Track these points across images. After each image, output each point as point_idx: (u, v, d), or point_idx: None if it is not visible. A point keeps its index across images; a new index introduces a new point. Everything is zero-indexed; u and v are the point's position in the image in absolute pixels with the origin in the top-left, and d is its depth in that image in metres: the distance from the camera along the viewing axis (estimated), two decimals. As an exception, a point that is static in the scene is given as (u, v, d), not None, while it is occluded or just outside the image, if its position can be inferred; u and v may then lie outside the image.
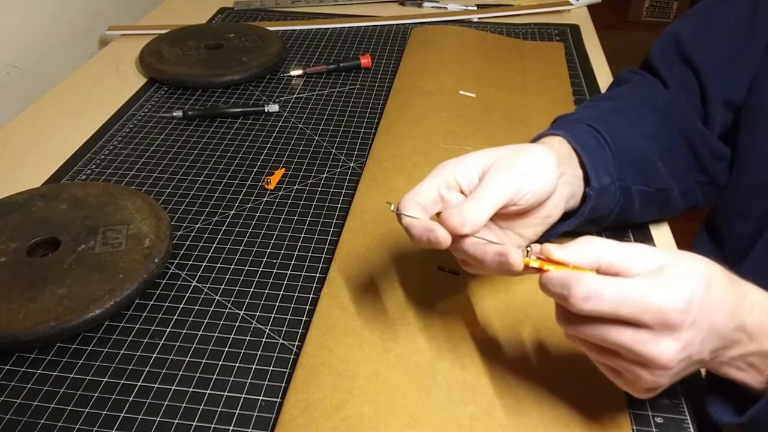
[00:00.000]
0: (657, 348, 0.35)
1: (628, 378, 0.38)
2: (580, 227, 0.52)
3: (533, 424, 0.42)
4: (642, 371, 0.36)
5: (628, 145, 0.54)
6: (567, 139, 0.51)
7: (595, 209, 0.51)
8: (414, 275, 0.53)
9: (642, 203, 0.55)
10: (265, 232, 0.60)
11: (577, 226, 0.52)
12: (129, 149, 0.72)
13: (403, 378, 0.45)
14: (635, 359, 0.36)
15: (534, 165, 0.44)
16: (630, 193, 0.54)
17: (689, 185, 0.59)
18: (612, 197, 0.52)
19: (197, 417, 0.44)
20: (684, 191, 0.58)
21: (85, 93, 0.83)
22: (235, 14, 1.07)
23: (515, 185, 0.42)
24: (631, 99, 0.60)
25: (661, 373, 0.36)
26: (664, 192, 0.57)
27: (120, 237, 0.55)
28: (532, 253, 0.37)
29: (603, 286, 0.35)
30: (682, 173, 0.58)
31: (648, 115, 0.57)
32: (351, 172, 0.69)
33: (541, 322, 0.49)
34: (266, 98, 0.82)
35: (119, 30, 1.00)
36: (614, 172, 0.52)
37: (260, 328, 0.51)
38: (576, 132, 0.52)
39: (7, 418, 0.44)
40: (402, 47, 0.95)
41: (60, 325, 0.48)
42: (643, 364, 0.36)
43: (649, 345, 0.35)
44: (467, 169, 0.43)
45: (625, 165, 0.53)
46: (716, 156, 0.59)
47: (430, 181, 0.43)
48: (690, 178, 0.59)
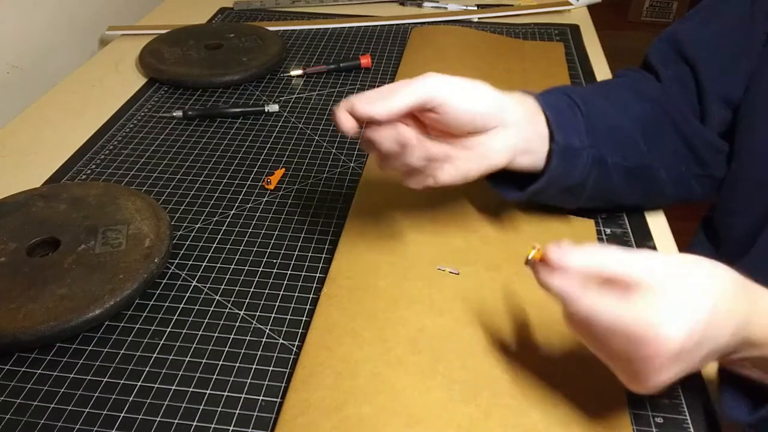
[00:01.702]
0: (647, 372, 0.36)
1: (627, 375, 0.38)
2: (553, 195, 0.54)
3: (533, 424, 0.42)
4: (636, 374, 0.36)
5: (605, 118, 0.55)
6: (536, 98, 0.52)
7: (566, 174, 0.52)
8: (414, 275, 0.53)
9: (621, 179, 0.56)
10: (265, 232, 0.60)
11: (548, 188, 0.52)
12: (129, 149, 0.72)
13: (403, 378, 0.45)
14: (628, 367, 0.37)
15: (470, 87, 0.47)
16: (605, 165, 0.54)
17: (681, 174, 0.59)
18: (583, 164, 0.53)
19: (197, 417, 0.44)
20: (676, 178, 0.59)
21: (85, 93, 0.83)
22: (235, 14, 1.07)
23: (433, 89, 0.45)
24: (619, 86, 0.61)
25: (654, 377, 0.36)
26: (644, 169, 0.56)
27: (120, 237, 0.55)
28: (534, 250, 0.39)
29: (597, 313, 0.36)
30: (671, 159, 0.58)
31: (634, 102, 0.58)
32: (351, 172, 0.69)
33: (541, 322, 0.49)
34: (266, 98, 0.82)
35: (119, 30, 1.00)
36: (585, 138, 0.53)
37: (260, 328, 0.51)
38: (548, 95, 0.54)
39: (7, 418, 0.44)
40: (402, 47, 0.95)
41: (60, 325, 0.48)
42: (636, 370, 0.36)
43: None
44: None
45: (599, 135, 0.54)
46: (714, 149, 0.59)
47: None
48: (682, 167, 0.59)
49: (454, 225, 0.58)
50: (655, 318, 0.34)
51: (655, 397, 0.45)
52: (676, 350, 0.34)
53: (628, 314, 0.35)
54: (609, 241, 0.58)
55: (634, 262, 0.36)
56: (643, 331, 0.34)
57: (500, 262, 0.55)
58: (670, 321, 0.34)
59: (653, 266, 0.36)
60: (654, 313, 0.34)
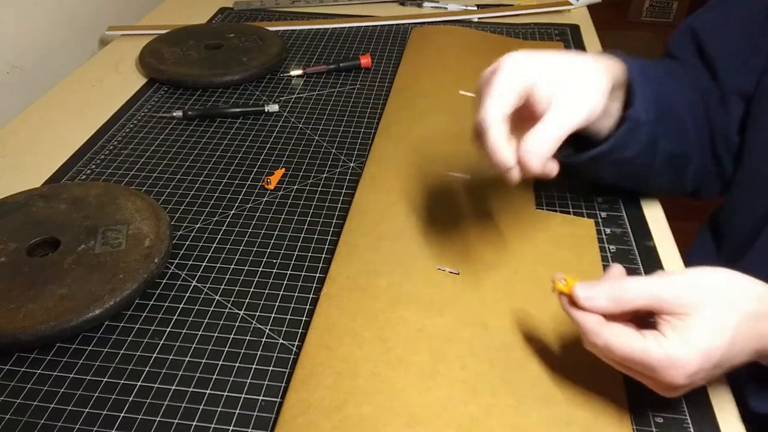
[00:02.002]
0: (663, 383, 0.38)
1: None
2: (600, 164, 0.55)
3: (533, 424, 0.42)
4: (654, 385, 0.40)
5: (669, 98, 0.55)
6: (625, 62, 0.52)
7: (624, 146, 0.53)
8: (414, 275, 0.53)
9: (662, 162, 0.56)
10: (265, 232, 0.60)
11: (605, 156, 0.53)
12: (129, 149, 0.72)
13: (403, 378, 0.45)
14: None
15: (590, 88, 0.46)
16: (655, 145, 0.55)
17: (702, 167, 0.60)
18: (640, 139, 0.53)
19: (197, 417, 0.44)
20: (698, 170, 0.59)
21: (85, 93, 0.83)
22: (235, 14, 1.07)
23: (579, 118, 0.45)
24: (677, 69, 0.60)
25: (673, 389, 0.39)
26: (683, 158, 0.58)
27: (120, 237, 0.55)
28: (561, 279, 0.42)
29: (612, 345, 0.38)
30: (701, 150, 0.59)
31: (687, 87, 0.58)
32: (351, 172, 0.69)
33: (541, 322, 0.49)
34: (266, 98, 0.82)
35: (119, 30, 1.00)
36: (651, 113, 0.53)
37: (260, 328, 0.51)
38: (640, 62, 0.54)
39: (7, 418, 0.44)
40: (402, 47, 0.95)
41: (60, 325, 0.48)
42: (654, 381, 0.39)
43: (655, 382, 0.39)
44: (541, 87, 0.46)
45: (660, 114, 0.54)
46: (729, 148, 0.59)
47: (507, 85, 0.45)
48: (706, 158, 0.60)
49: (454, 225, 0.58)
50: (672, 350, 0.37)
51: (655, 397, 0.45)
52: (691, 373, 0.37)
53: (647, 348, 0.37)
54: (609, 241, 0.58)
55: (656, 292, 0.38)
56: (657, 363, 0.37)
57: (500, 262, 0.55)
58: (686, 353, 0.37)
59: (676, 294, 0.38)
60: (671, 347, 0.37)
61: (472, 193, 0.62)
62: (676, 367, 0.37)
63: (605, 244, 0.58)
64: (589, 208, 0.62)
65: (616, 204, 0.63)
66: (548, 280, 0.53)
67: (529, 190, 0.63)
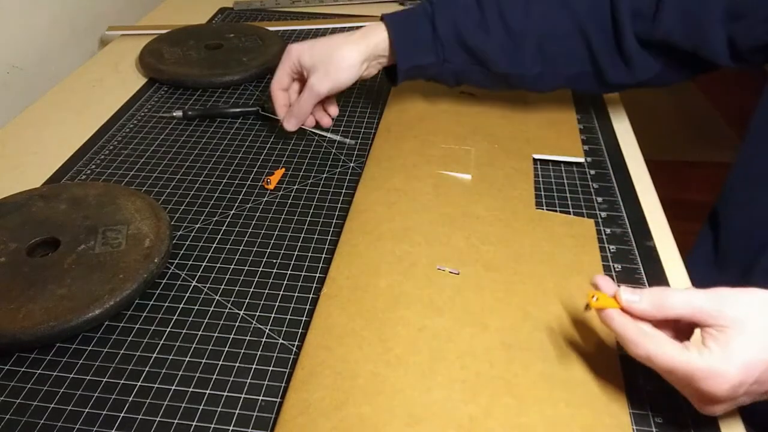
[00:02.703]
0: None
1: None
2: (435, 79, 0.71)
3: (533, 424, 0.42)
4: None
5: (466, 35, 0.65)
6: (386, 22, 0.66)
7: (422, 75, 0.70)
8: (414, 275, 0.53)
9: (485, 78, 0.68)
10: (265, 232, 0.60)
11: (412, 78, 0.70)
12: (129, 149, 0.72)
13: (403, 378, 0.45)
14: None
15: (342, 66, 0.66)
16: (465, 68, 0.67)
17: (578, 73, 0.67)
18: (440, 70, 0.68)
19: (197, 417, 0.44)
20: (572, 76, 0.67)
21: (85, 93, 0.83)
22: (235, 14, 1.07)
23: (325, 89, 0.67)
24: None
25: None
26: (507, 76, 0.67)
27: (120, 237, 0.55)
28: (594, 298, 0.42)
29: (654, 355, 0.39)
30: (568, 63, 0.66)
31: (552, 11, 0.65)
32: (351, 172, 0.69)
33: (542, 322, 0.49)
34: (266, 98, 0.82)
35: (119, 30, 1.00)
36: (441, 54, 0.66)
37: (260, 328, 0.51)
38: (406, 17, 0.67)
39: (7, 418, 0.44)
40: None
41: (60, 325, 0.48)
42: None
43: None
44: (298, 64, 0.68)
45: (456, 51, 0.66)
46: (624, 56, 0.63)
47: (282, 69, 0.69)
48: (580, 68, 0.66)
49: (454, 225, 0.58)
50: (713, 362, 0.38)
51: (655, 397, 0.45)
52: (732, 385, 0.38)
53: (689, 360, 0.38)
54: (609, 241, 0.58)
55: (698, 303, 0.39)
56: (699, 374, 0.38)
57: (500, 262, 0.55)
58: (727, 365, 0.37)
59: (718, 307, 0.39)
60: (712, 359, 0.38)
61: (472, 193, 0.62)
62: (717, 378, 0.37)
63: (605, 244, 0.58)
64: (589, 208, 0.62)
65: (616, 204, 0.63)
66: (548, 280, 0.53)
67: (529, 190, 0.63)
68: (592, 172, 0.68)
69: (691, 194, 1.77)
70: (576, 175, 0.67)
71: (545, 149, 0.69)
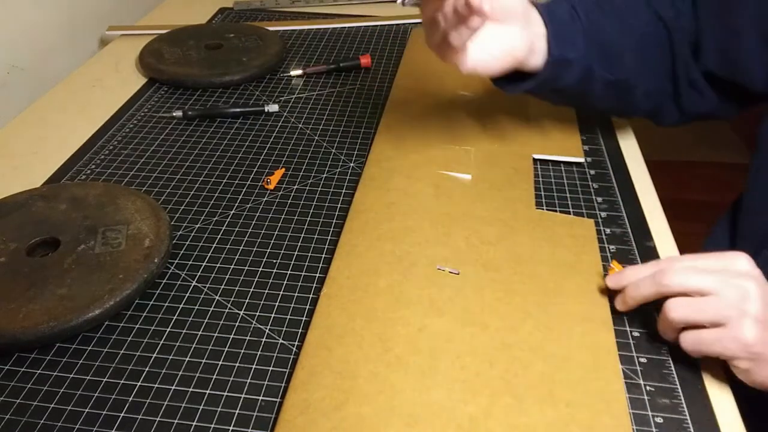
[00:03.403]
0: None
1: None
2: (543, 94, 0.64)
3: (533, 424, 0.42)
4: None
5: (602, 28, 0.60)
6: (540, 12, 0.58)
7: (556, 79, 0.59)
8: (414, 275, 0.53)
9: (602, 89, 0.62)
10: (265, 232, 0.60)
11: (538, 89, 0.60)
12: (129, 149, 0.72)
13: (403, 378, 0.45)
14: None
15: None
16: (592, 75, 0.61)
17: (658, 88, 0.63)
18: (573, 72, 0.59)
19: (197, 417, 0.44)
20: (650, 92, 0.63)
21: (85, 93, 0.83)
22: (235, 14, 1.07)
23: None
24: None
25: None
26: (625, 83, 0.62)
27: (120, 237, 0.55)
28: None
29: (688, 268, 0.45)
30: (654, 73, 0.62)
31: (641, 10, 0.62)
32: (351, 172, 0.69)
33: (541, 322, 0.49)
34: (266, 98, 0.82)
35: (119, 30, 1.00)
36: (581, 49, 0.59)
37: (260, 328, 0.51)
38: (553, 5, 0.60)
39: (7, 418, 0.44)
40: (402, 47, 0.95)
41: (60, 325, 0.48)
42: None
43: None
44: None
45: (593, 47, 0.60)
46: (691, 82, 0.62)
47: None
48: (660, 84, 0.63)
49: (454, 225, 0.58)
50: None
51: (655, 397, 0.45)
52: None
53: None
54: (609, 241, 0.58)
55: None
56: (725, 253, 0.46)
57: (500, 262, 0.55)
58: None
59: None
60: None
61: (472, 193, 0.62)
62: (739, 255, 0.45)
63: (605, 244, 0.58)
64: (589, 208, 0.62)
65: (616, 204, 0.63)
66: (548, 280, 0.53)
67: (529, 190, 0.63)
68: (592, 172, 0.68)
69: (691, 194, 1.77)
70: (576, 175, 0.67)
71: (545, 149, 0.69)
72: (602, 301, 0.51)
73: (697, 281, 0.45)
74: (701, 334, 0.44)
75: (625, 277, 0.49)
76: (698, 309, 0.44)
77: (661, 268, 0.46)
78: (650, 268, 0.48)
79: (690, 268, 0.45)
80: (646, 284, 0.47)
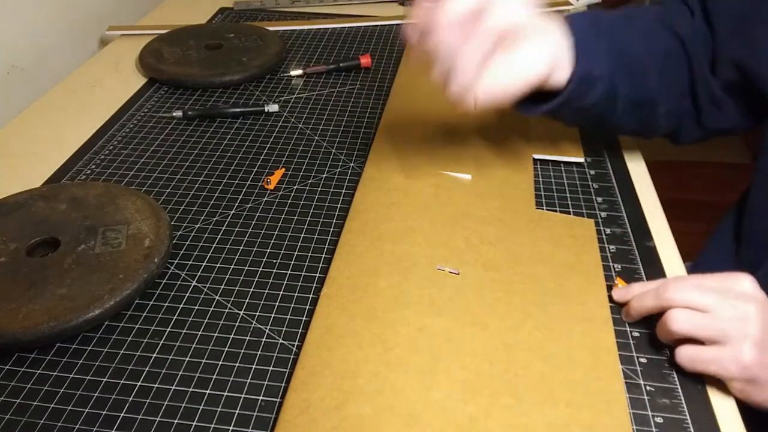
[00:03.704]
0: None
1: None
2: (564, 114, 0.59)
3: (533, 424, 0.42)
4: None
5: (627, 48, 0.57)
6: (564, 21, 0.54)
7: (580, 97, 0.55)
8: (414, 275, 0.53)
9: (625, 108, 0.59)
10: (265, 232, 0.60)
11: (560, 109, 0.56)
12: (129, 149, 0.72)
13: (403, 378, 0.45)
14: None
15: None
16: (615, 94, 0.58)
17: (678, 108, 0.61)
18: (597, 90, 0.56)
19: (197, 417, 0.44)
20: (671, 111, 0.61)
21: (85, 93, 0.83)
22: (235, 14, 1.07)
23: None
24: (649, 13, 0.62)
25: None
26: (647, 102, 0.60)
27: (120, 237, 0.55)
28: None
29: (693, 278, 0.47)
30: (674, 94, 0.60)
31: (660, 33, 0.60)
32: (351, 172, 0.69)
33: (541, 322, 0.49)
34: (266, 98, 0.82)
35: (119, 30, 1.00)
36: (604, 66, 0.56)
37: (260, 328, 0.51)
38: (576, 19, 0.56)
39: (7, 418, 0.44)
40: (402, 47, 0.95)
41: (60, 325, 0.48)
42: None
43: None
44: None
45: (618, 64, 0.57)
46: (712, 100, 0.60)
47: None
48: (680, 103, 0.61)
49: (454, 225, 0.58)
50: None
51: (655, 397, 0.45)
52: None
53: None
54: (609, 241, 0.58)
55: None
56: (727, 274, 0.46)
57: (500, 262, 0.55)
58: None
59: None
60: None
61: (472, 193, 0.62)
62: (741, 275, 0.46)
63: (605, 244, 0.58)
64: (589, 208, 0.62)
65: (616, 204, 0.63)
66: (548, 280, 0.53)
67: (529, 190, 0.63)
68: (592, 172, 0.68)
69: (691, 194, 1.77)
70: (576, 175, 0.67)
71: (545, 149, 0.69)
72: (602, 301, 0.51)
73: (698, 299, 0.45)
74: (699, 352, 0.45)
75: (631, 291, 0.50)
76: (699, 324, 0.44)
77: (665, 283, 0.47)
78: (656, 284, 0.48)
79: (693, 285, 0.46)
80: (649, 297, 0.48)
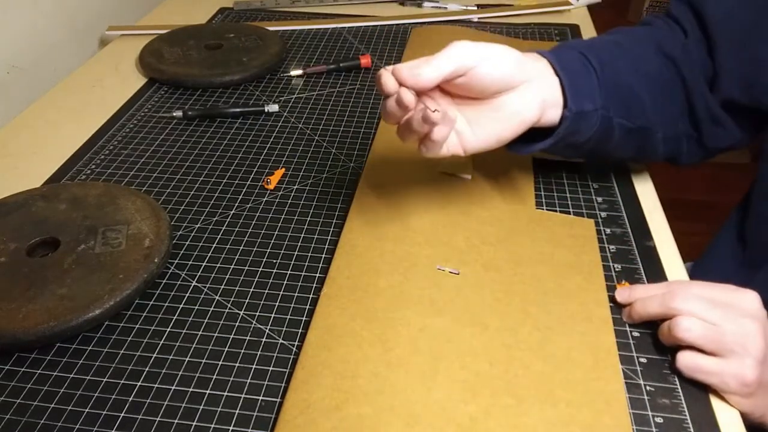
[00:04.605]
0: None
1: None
2: (558, 150, 0.57)
3: (533, 424, 0.42)
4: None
5: (618, 77, 0.56)
6: (551, 60, 0.53)
7: (574, 133, 0.54)
8: (414, 275, 0.53)
9: (621, 137, 0.57)
10: (265, 232, 0.60)
11: (554, 147, 0.54)
12: (129, 149, 0.72)
13: (403, 378, 0.45)
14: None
15: (496, 50, 0.48)
16: (611, 125, 0.56)
17: (675, 133, 0.60)
18: (592, 124, 0.54)
19: (197, 417, 0.44)
20: (669, 137, 0.60)
21: (84, 93, 0.83)
22: (235, 14, 1.07)
23: (466, 55, 0.47)
24: (639, 37, 0.61)
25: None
26: (644, 130, 0.58)
27: (120, 237, 0.55)
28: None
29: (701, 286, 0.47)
30: (671, 118, 0.59)
31: (652, 57, 0.59)
32: (351, 172, 0.69)
33: (541, 322, 0.49)
34: (266, 98, 0.82)
35: (119, 30, 1.00)
36: (597, 100, 0.54)
37: (260, 328, 0.51)
38: (562, 55, 0.54)
39: (7, 418, 0.44)
40: (402, 47, 0.95)
41: (60, 325, 0.48)
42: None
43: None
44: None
45: (610, 96, 0.55)
46: (713, 119, 0.59)
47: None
48: (679, 125, 0.60)
49: (454, 225, 0.58)
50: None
51: (655, 397, 0.45)
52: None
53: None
54: (609, 241, 0.58)
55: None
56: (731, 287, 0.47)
57: (500, 262, 0.55)
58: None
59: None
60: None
61: (472, 192, 0.62)
62: (746, 291, 0.46)
63: (605, 244, 0.58)
64: (589, 208, 0.62)
65: (616, 204, 0.63)
66: (548, 280, 0.53)
67: (529, 190, 0.63)
68: (592, 172, 0.68)
69: (691, 194, 1.77)
70: (576, 175, 0.67)
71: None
72: (602, 301, 0.51)
73: (704, 313, 0.45)
74: (700, 363, 0.45)
75: (634, 294, 0.50)
76: (706, 336, 0.44)
77: (671, 290, 0.47)
78: (660, 289, 0.48)
79: (699, 296, 0.46)
80: (654, 303, 0.47)
